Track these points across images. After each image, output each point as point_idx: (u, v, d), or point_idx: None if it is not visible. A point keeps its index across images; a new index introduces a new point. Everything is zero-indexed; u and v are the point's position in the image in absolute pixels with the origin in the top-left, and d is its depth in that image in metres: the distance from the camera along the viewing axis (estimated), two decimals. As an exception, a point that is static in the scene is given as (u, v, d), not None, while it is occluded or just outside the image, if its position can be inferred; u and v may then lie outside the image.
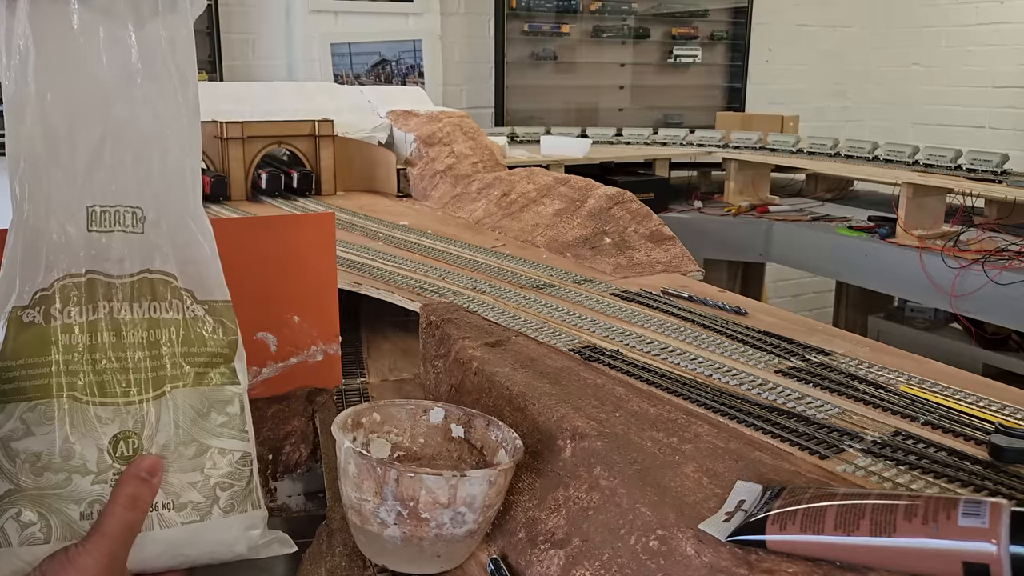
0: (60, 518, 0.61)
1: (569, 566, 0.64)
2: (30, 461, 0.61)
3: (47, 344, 0.61)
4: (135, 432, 0.63)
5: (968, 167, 2.59)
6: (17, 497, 0.60)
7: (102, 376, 0.62)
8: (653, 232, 1.57)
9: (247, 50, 3.69)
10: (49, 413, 0.61)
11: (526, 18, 4.23)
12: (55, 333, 0.62)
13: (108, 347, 0.63)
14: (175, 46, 0.65)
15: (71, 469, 0.61)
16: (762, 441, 0.76)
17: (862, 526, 0.53)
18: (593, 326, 1.10)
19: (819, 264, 2.95)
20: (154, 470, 0.63)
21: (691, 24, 4.63)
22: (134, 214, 0.64)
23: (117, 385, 0.63)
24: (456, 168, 2.26)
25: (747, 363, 0.98)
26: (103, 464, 0.62)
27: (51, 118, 0.62)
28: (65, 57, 0.62)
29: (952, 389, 0.90)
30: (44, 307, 0.62)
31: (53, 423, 0.61)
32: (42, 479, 0.61)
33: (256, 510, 0.69)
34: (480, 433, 0.78)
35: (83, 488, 0.61)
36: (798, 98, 5.02)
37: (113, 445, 0.62)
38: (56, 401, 0.61)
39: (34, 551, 0.60)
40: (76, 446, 0.61)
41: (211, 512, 0.65)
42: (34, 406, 0.61)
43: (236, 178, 2.17)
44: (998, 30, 4.60)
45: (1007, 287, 2.26)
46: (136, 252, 0.64)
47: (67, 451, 0.61)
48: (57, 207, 0.62)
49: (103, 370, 0.63)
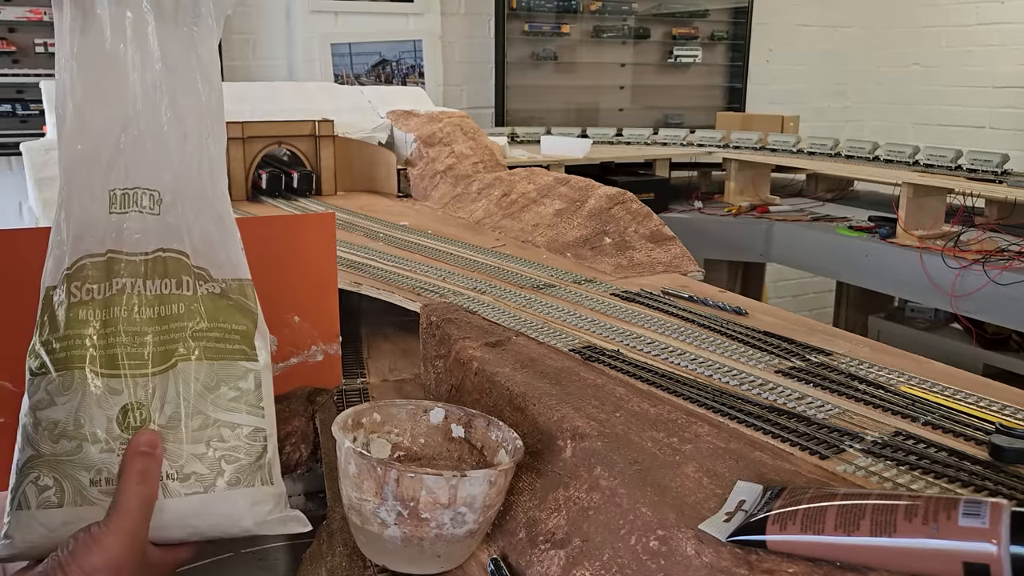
0: (72, 483, 0.64)
1: (569, 566, 0.64)
2: (49, 429, 0.64)
3: (71, 321, 0.65)
4: (143, 403, 0.66)
5: (968, 167, 2.59)
6: (37, 462, 0.64)
7: (114, 349, 0.65)
8: (653, 232, 1.57)
9: (247, 50, 3.69)
10: (67, 384, 0.65)
11: (526, 18, 4.23)
12: (75, 309, 0.65)
13: (121, 321, 0.66)
14: (196, 42, 0.69)
15: (82, 437, 0.64)
16: (762, 441, 0.76)
17: (862, 526, 0.53)
18: (593, 326, 1.10)
19: (819, 264, 2.95)
20: (153, 443, 0.65)
21: (691, 24, 4.63)
22: (151, 196, 0.67)
23: (128, 358, 0.66)
24: (456, 168, 2.26)
25: (747, 363, 0.98)
26: (112, 433, 0.65)
27: (83, 111, 0.66)
28: (92, 51, 0.66)
29: (952, 389, 0.90)
30: (67, 285, 0.65)
31: (70, 393, 0.64)
32: (58, 446, 0.64)
33: (266, 486, 0.70)
34: (480, 433, 0.78)
35: (92, 456, 0.64)
36: (798, 98, 5.02)
37: (123, 415, 0.65)
38: (74, 373, 0.65)
39: (49, 514, 0.63)
40: (87, 415, 0.65)
41: (215, 484, 0.67)
42: (56, 378, 0.65)
43: (236, 178, 2.17)
44: (998, 30, 4.60)
45: (1007, 287, 2.25)
46: (152, 232, 0.67)
47: (79, 420, 0.64)
48: (85, 193, 0.66)
49: (115, 344, 0.65)
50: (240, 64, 3.66)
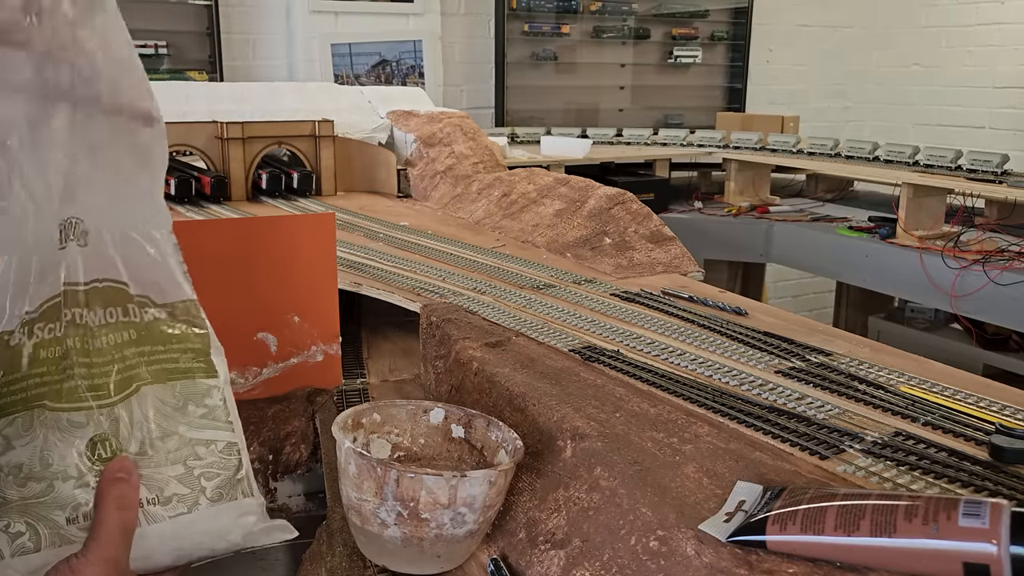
0: (47, 525, 0.62)
1: (569, 566, 0.64)
2: (13, 473, 0.62)
3: (23, 360, 0.63)
4: (111, 434, 0.64)
5: (968, 167, 2.59)
6: (5, 510, 0.61)
7: (72, 382, 0.64)
8: (653, 232, 1.57)
9: (247, 50, 3.69)
10: (27, 424, 0.62)
11: (526, 18, 4.23)
12: (30, 349, 0.63)
13: (75, 353, 0.64)
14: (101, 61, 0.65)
15: (52, 476, 0.62)
16: (762, 441, 0.76)
17: (862, 526, 0.53)
18: (593, 326, 1.10)
19: (819, 264, 2.95)
20: (128, 469, 0.64)
21: (691, 24, 4.63)
22: (76, 226, 0.65)
23: (87, 390, 0.64)
24: (456, 168, 2.26)
25: (747, 363, 0.98)
26: (83, 468, 0.63)
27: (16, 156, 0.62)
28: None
29: (952, 389, 0.90)
30: (28, 327, 0.63)
31: (31, 433, 0.62)
32: (26, 489, 0.62)
33: (248, 498, 0.69)
34: (480, 433, 0.78)
35: (66, 494, 0.63)
36: (798, 98, 5.02)
37: (90, 448, 0.63)
38: (33, 412, 0.63)
39: (27, 560, 0.61)
40: (54, 453, 0.62)
41: (198, 503, 0.66)
42: (12, 420, 0.62)
43: (236, 178, 2.17)
44: (998, 30, 4.60)
45: (1007, 287, 2.25)
46: (87, 262, 0.66)
47: (46, 459, 0.62)
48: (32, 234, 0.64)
49: (72, 376, 0.64)
50: (240, 64, 3.66)
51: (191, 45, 3.51)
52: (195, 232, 1.06)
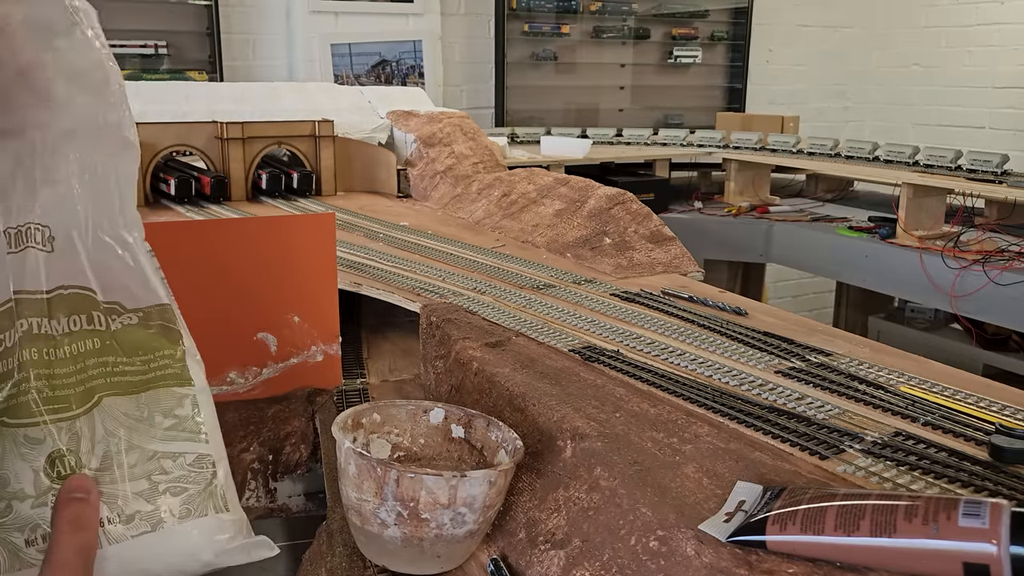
0: (5, 547, 0.59)
1: (569, 566, 0.64)
2: None
3: None
4: (71, 449, 0.60)
5: (968, 167, 2.59)
6: None
7: (28, 396, 0.60)
8: (653, 232, 1.57)
9: (247, 50, 3.69)
10: None
11: (526, 18, 4.23)
12: None
13: (30, 366, 0.60)
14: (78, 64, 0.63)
15: (9, 496, 0.59)
16: (762, 442, 0.76)
17: (862, 526, 0.53)
18: (593, 326, 1.10)
19: (819, 264, 2.95)
20: (86, 488, 0.60)
21: (691, 24, 4.63)
22: (42, 232, 0.62)
23: (44, 403, 0.60)
24: (456, 169, 2.26)
25: (747, 363, 0.98)
26: (41, 487, 0.59)
27: None
28: None
29: (952, 389, 0.90)
30: None
31: None
32: None
33: (222, 514, 0.65)
34: (480, 434, 0.78)
35: (24, 514, 0.59)
36: (798, 98, 5.02)
37: (49, 465, 0.60)
38: None
39: None
40: (10, 472, 0.59)
41: (163, 520, 0.62)
42: None
43: (236, 178, 2.17)
44: (998, 30, 4.60)
45: (1007, 287, 2.26)
46: (50, 269, 0.62)
47: (4, 478, 0.59)
48: None
49: (28, 390, 0.60)
50: (240, 64, 3.66)
51: (191, 45, 3.51)
52: (196, 232, 1.06)
